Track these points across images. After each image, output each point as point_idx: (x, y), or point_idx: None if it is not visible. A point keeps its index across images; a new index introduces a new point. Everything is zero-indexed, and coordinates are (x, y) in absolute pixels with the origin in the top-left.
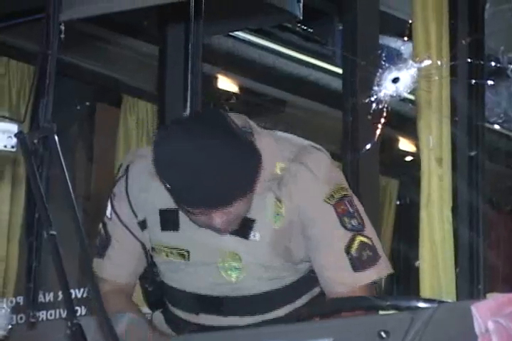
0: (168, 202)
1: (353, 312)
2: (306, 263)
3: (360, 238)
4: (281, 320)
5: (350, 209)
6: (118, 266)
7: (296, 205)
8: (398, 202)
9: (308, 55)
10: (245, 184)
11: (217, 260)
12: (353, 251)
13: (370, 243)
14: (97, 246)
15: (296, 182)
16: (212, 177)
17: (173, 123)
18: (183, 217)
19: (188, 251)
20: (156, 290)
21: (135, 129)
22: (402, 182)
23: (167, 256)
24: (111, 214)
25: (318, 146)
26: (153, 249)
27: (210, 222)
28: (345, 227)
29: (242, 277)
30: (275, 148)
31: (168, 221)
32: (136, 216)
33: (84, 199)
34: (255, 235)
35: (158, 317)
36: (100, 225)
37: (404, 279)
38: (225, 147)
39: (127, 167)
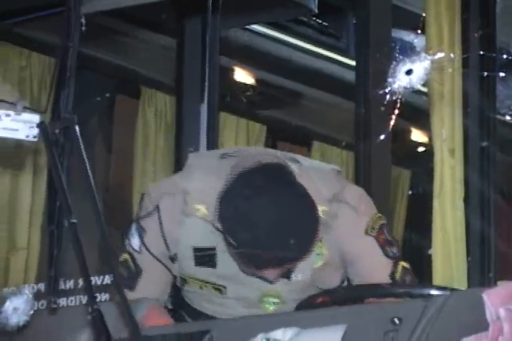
0: (203, 241)
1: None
2: None
3: (401, 264)
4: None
5: (389, 237)
6: (147, 296)
7: (338, 240)
8: (410, 192)
9: (323, 48)
10: (308, 245)
11: (257, 296)
12: (397, 277)
13: (409, 267)
14: (125, 278)
15: (337, 219)
16: (279, 239)
17: (238, 179)
18: (221, 255)
19: (225, 287)
20: (175, 307)
21: (153, 120)
22: (414, 172)
23: (201, 288)
24: (140, 248)
25: (339, 169)
26: (184, 280)
27: (262, 274)
28: (387, 256)
29: (279, 309)
30: (315, 188)
31: (204, 258)
32: (168, 250)
33: (103, 189)
34: (297, 276)
35: None
36: (126, 257)
37: (416, 267)
38: (292, 209)
39: (157, 206)
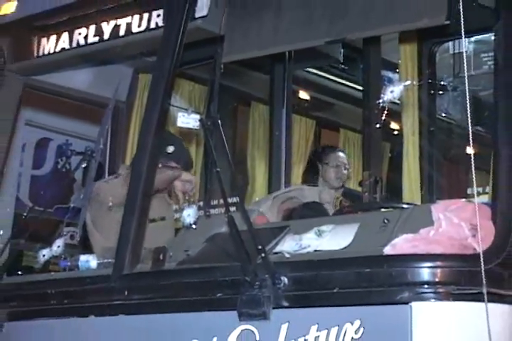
0: None
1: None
2: None
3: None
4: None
5: None
6: None
7: None
8: (390, 155)
9: (344, 79)
10: None
11: None
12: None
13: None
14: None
15: None
16: None
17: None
18: None
19: None
20: None
21: (258, 119)
22: (392, 143)
23: None
24: None
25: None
26: None
27: None
28: None
29: None
30: None
31: None
32: None
33: (232, 154)
34: None
35: None
36: None
37: (396, 193)
38: None
39: None
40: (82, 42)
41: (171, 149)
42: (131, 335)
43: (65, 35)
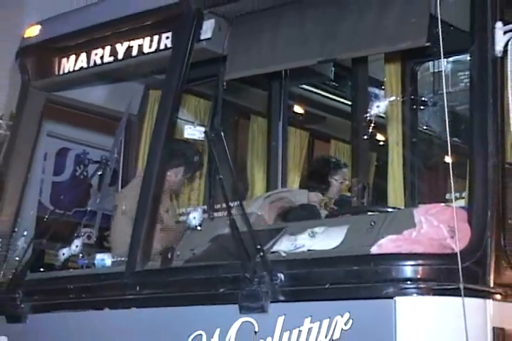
0: None
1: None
2: None
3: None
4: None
5: None
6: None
7: None
8: (376, 164)
9: (334, 95)
10: None
11: None
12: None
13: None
14: None
15: None
16: None
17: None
18: None
19: None
20: None
21: (256, 130)
22: (378, 153)
23: None
24: None
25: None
26: None
27: None
28: None
29: None
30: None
31: None
32: None
33: (232, 163)
34: None
35: None
36: None
37: (382, 196)
38: None
39: None
40: (98, 61)
41: (196, 158)
42: (141, 326)
43: (83, 56)
